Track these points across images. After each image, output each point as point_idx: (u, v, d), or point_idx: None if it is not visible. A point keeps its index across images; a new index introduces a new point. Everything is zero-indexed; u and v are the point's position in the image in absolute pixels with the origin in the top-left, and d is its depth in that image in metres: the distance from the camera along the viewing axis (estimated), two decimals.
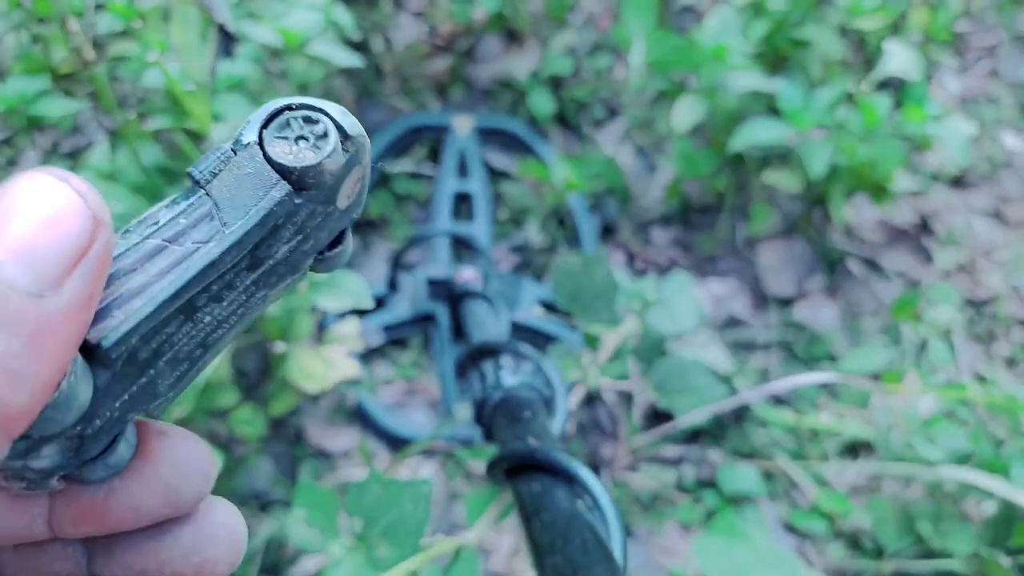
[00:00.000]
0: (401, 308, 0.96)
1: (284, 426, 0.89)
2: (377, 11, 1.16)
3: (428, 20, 1.20)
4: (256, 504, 0.83)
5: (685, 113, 0.92)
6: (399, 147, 1.11)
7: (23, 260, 0.14)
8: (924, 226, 1.10)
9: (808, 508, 0.86)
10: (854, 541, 0.84)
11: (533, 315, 0.94)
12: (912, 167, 1.12)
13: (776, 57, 1.00)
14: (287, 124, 0.19)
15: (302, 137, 0.19)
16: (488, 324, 0.76)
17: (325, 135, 0.19)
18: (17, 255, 0.14)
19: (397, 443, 0.88)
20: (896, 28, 1.09)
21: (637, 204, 1.10)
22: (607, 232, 1.09)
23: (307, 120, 0.19)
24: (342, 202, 0.20)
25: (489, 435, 0.51)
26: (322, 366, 0.76)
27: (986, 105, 1.21)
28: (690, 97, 0.93)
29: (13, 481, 0.17)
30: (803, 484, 0.87)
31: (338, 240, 0.21)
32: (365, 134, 0.20)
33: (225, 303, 0.19)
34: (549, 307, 0.94)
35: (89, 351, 0.17)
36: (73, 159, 0.99)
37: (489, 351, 0.55)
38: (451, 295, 0.85)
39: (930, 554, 0.77)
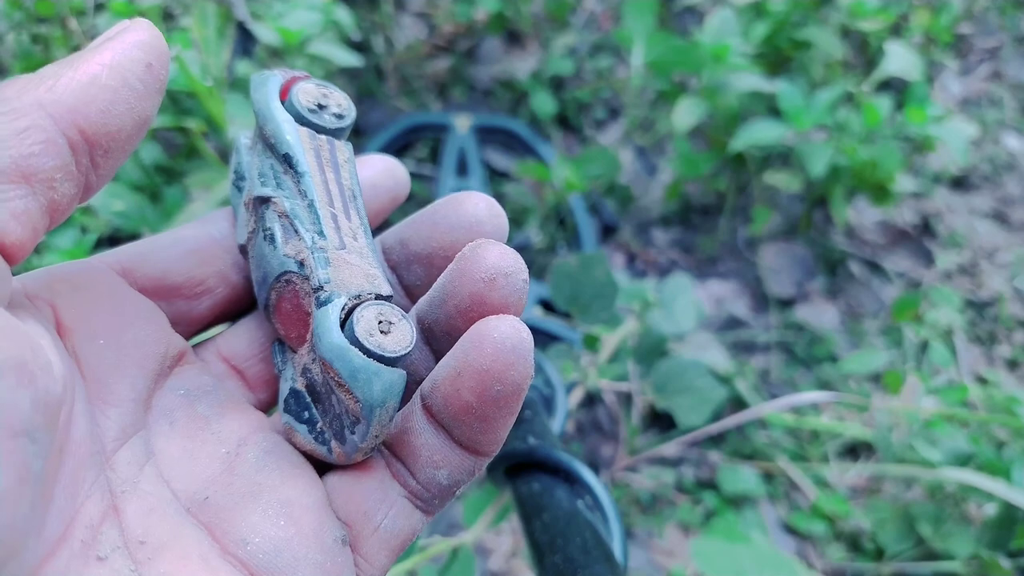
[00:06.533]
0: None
1: None
2: (378, 11, 1.16)
3: (429, 20, 1.20)
4: None
5: (686, 114, 0.92)
6: (399, 146, 1.11)
7: None
8: (926, 227, 1.10)
9: (808, 509, 0.86)
10: (854, 543, 0.84)
11: (533, 315, 0.94)
12: (914, 168, 1.12)
13: (777, 58, 1.00)
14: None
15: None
16: None
17: None
18: None
19: None
20: (898, 30, 1.09)
21: (638, 205, 1.10)
22: (607, 233, 1.09)
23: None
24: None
25: None
26: None
27: (988, 107, 1.21)
28: (691, 98, 0.93)
29: None
30: (803, 485, 0.86)
31: None
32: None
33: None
34: (549, 307, 0.94)
35: None
36: None
37: None
38: None
39: (931, 556, 0.77)
